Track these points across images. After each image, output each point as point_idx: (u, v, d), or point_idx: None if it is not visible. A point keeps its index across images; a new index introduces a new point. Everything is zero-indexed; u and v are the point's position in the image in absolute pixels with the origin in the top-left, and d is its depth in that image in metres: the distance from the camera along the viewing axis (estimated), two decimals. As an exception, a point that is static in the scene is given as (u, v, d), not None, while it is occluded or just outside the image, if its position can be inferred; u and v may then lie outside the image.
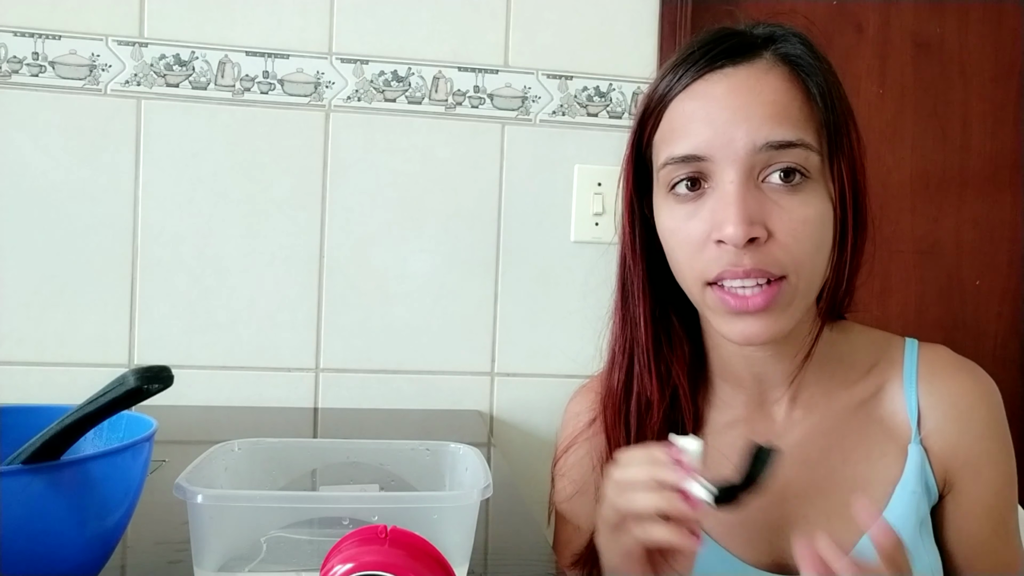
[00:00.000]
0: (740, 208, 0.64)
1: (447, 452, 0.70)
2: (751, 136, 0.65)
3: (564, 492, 0.81)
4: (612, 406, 0.77)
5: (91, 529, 0.51)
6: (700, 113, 0.67)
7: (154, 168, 1.29)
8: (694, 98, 0.68)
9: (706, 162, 0.66)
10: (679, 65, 0.70)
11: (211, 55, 1.29)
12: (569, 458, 0.81)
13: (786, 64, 0.68)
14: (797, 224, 0.65)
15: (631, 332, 0.77)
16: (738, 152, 0.65)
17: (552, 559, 0.71)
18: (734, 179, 0.65)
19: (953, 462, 0.73)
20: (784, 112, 0.66)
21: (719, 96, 0.67)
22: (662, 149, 0.70)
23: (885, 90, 1.51)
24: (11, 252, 1.26)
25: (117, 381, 0.48)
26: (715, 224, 0.66)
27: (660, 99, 0.71)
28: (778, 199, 0.66)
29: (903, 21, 1.51)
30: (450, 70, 1.35)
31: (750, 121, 0.65)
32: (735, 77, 0.67)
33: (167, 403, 0.63)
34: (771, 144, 0.65)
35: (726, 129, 0.65)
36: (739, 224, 0.63)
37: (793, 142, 0.65)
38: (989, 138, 1.54)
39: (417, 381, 1.35)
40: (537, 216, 1.37)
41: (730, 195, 0.65)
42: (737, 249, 0.64)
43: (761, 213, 0.65)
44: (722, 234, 0.64)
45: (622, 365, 0.77)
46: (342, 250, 1.33)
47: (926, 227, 1.52)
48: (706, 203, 0.67)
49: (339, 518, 0.55)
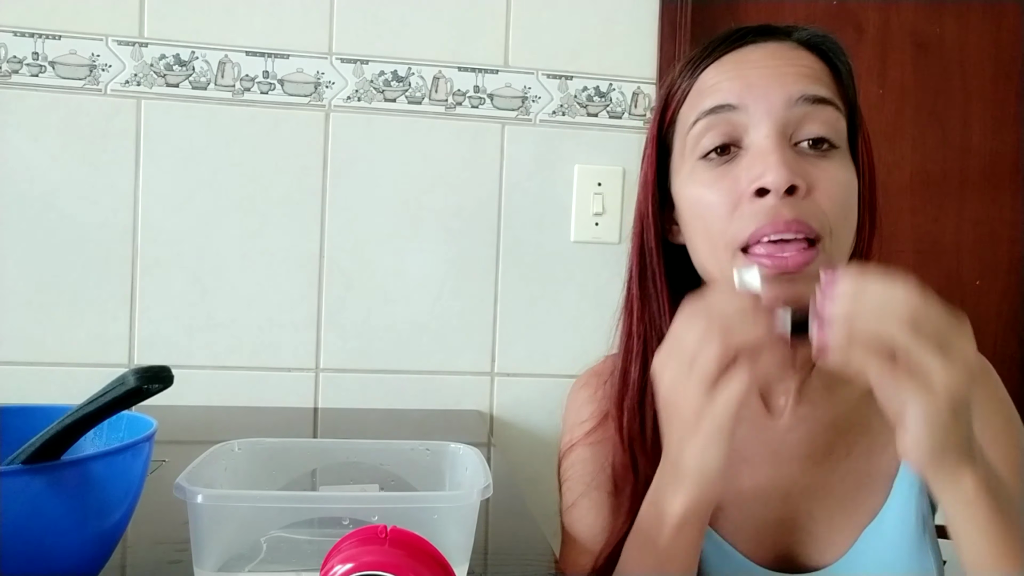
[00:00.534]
0: (780, 157, 0.62)
1: (447, 452, 0.70)
2: (787, 89, 0.65)
3: (571, 492, 0.79)
4: (630, 397, 0.75)
5: (91, 529, 0.51)
6: (732, 72, 0.67)
7: (154, 168, 1.29)
8: (724, 64, 0.68)
9: (738, 113, 0.65)
10: (705, 47, 0.70)
11: (211, 55, 1.29)
12: (573, 453, 0.80)
13: (812, 47, 0.69)
14: (833, 185, 0.64)
15: (649, 321, 0.74)
16: (772, 103, 0.64)
17: (552, 559, 0.71)
18: (769, 133, 0.64)
19: None
20: (817, 76, 0.67)
21: (753, 59, 0.67)
22: (690, 112, 0.69)
23: (885, 90, 1.51)
24: (11, 252, 1.26)
25: (117, 381, 0.48)
26: (752, 177, 0.64)
27: (688, 75, 0.70)
28: (813, 161, 0.65)
29: (903, 21, 1.51)
30: (450, 70, 1.35)
31: (785, 77, 0.65)
32: (768, 47, 0.68)
33: (167, 403, 0.63)
34: (807, 97, 0.64)
35: (761, 83, 0.65)
36: (781, 170, 0.62)
37: (828, 99, 0.65)
38: (989, 138, 1.54)
39: (417, 381, 1.35)
40: (537, 216, 1.37)
41: (767, 147, 0.63)
42: (777, 201, 0.62)
43: (800, 169, 0.64)
44: (763, 181, 0.62)
45: (639, 354, 0.74)
46: (342, 250, 1.33)
47: (926, 227, 1.52)
48: (739, 163, 0.66)
49: (339, 518, 0.55)
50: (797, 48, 0.69)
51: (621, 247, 1.36)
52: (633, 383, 0.75)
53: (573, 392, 0.85)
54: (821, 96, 0.65)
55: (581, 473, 0.79)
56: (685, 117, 0.71)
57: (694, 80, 0.70)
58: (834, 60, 0.69)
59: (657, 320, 0.74)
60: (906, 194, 1.51)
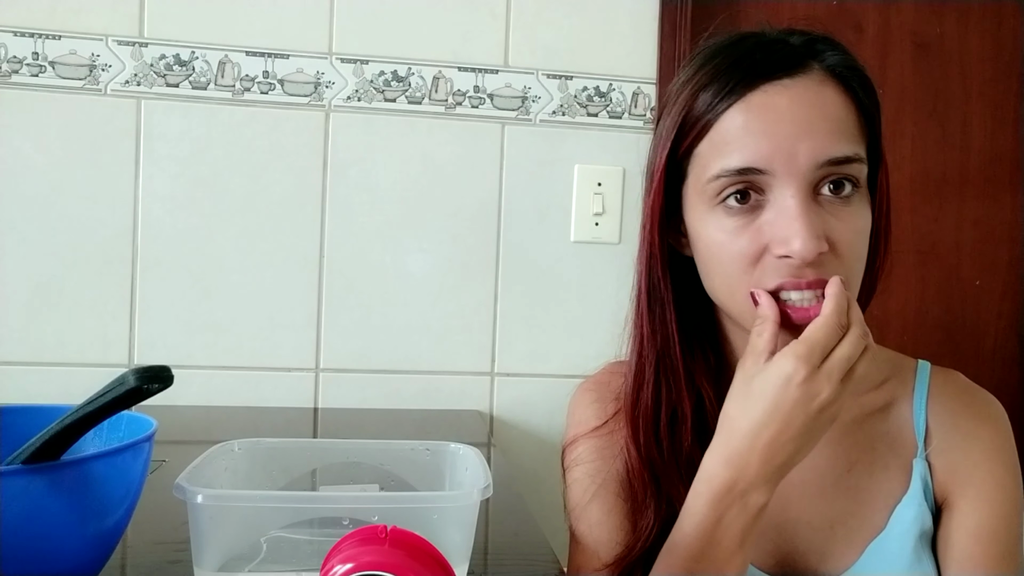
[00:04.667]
0: (806, 223, 0.63)
1: (447, 452, 0.70)
2: (815, 152, 0.64)
3: (578, 487, 0.78)
4: (644, 422, 0.75)
5: (91, 529, 0.51)
6: (758, 125, 0.65)
7: (154, 168, 1.29)
8: (750, 109, 0.66)
9: (764, 175, 0.65)
10: (724, 74, 0.67)
11: (211, 55, 1.29)
12: (580, 446, 0.80)
13: (836, 78, 0.67)
14: (853, 235, 0.66)
15: (661, 348, 0.75)
16: (800, 167, 0.64)
17: (552, 559, 0.71)
18: (795, 193, 0.64)
19: (953, 480, 0.73)
20: (843, 127, 0.66)
21: (782, 109, 0.65)
22: (712, 161, 0.67)
23: (885, 90, 1.51)
24: (11, 252, 1.26)
25: (117, 381, 0.48)
26: (777, 239, 0.64)
27: (708, 109, 0.67)
28: (833, 211, 0.65)
29: (903, 21, 1.51)
30: (450, 70, 1.35)
31: (814, 136, 0.64)
32: (794, 89, 0.66)
33: (167, 403, 0.63)
34: (832, 160, 0.64)
35: (789, 143, 0.64)
36: (809, 239, 0.62)
37: (851, 157, 0.65)
38: (989, 138, 1.54)
39: (417, 381, 1.35)
40: (537, 216, 1.37)
41: (793, 210, 0.63)
42: (801, 262, 0.64)
43: (823, 227, 0.64)
44: (789, 249, 0.63)
45: (651, 381, 0.75)
46: (342, 250, 1.33)
47: (926, 227, 1.52)
48: (761, 216, 0.66)
49: (339, 518, 0.55)
50: (824, 83, 0.66)
51: (621, 247, 1.37)
52: (647, 410, 0.75)
53: (577, 394, 0.85)
54: (847, 156, 0.65)
55: (588, 467, 0.78)
56: (705, 160, 0.68)
57: (715, 117, 0.67)
58: (858, 96, 0.68)
59: (668, 348, 0.75)
60: (906, 194, 1.51)
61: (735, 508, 0.63)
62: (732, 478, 0.63)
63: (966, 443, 0.74)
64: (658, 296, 0.74)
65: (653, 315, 0.75)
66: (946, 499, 0.74)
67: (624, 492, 0.76)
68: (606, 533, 0.75)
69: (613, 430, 0.78)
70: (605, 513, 0.76)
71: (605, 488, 0.77)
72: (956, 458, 0.73)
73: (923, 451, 0.74)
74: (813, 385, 0.61)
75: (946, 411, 0.75)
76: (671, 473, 0.72)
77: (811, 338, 0.61)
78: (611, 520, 0.75)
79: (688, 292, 0.74)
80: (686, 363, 0.74)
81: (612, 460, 0.77)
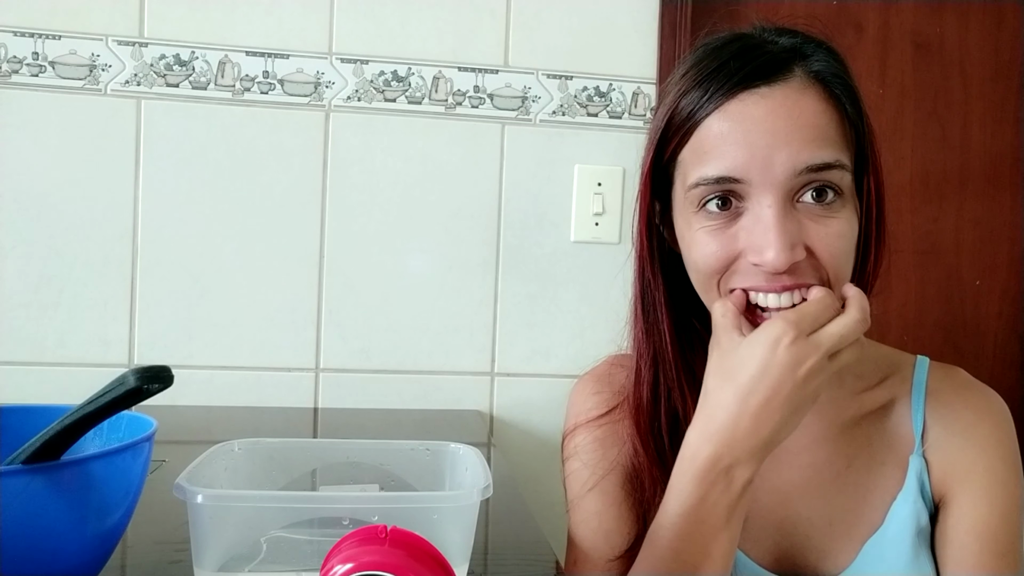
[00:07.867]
0: (780, 233, 0.63)
1: (447, 452, 0.70)
2: (791, 160, 0.64)
3: (577, 477, 0.78)
4: (643, 420, 0.75)
5: (91, 529, 0.51)
6: (736, 135, 0.65)
7: (154, 168, 1.29)
8: (728, 118, 0.66)
9: (741, 184, 0.65)
10: (705, 79, 0.67)
11: (211, 55, 1.29)
12: (579, 435, 0.80)
13: (819, 83, 0.67)
14: (833, 239, 0.65)
15: (655, 346, 0.75)
16: (777, 176, 0.64)
17: (552, 559, 0.71)
18: (772, 203, 0.64)
19: (952, 476, 0.73)
20: (823, 135, 0.65)
21: (758, 118, 0.65)
22: (692, 169, 0.68)
23: (885, 90, 1.51)
24: (11, 252, 1.26)
25: (117, 381, 0.48)
26: (752, 247, 0.65)
27: (688, 116, 0.68)
28: (814, 217, 0.65)
29: (903, 21, 1.51)
30: (450, 70, 1.35)
31: (790, 145, 0.64)
32: (772, 98, 0.65)
33: (167, 403, 0.63)
34: (811, 167, 0.64)
35: (765, 152, 0.64)
36: (781, 251, 0.63)
37: (831, 164, 0.65)
38: (989, 138, 1.54)
39: (417, 381, 1.35)
40: (537, 216, 1.37)
41: (769, 219, 0.64)
42: (774, 272, 0.64)
43: (799, 234, 0.64)
44: (762, 259, 0.64)
45: (648, 380, 0.76)
46: (342, 250, 1.33)
47: (926, 227, 1.52)
48: (739, 223, 0.66)
49: (339, 518, 0.55)
50: (806, 89, 0.66)
51: (621, 247, 1.37)
52: (646, 407, 0.75)
53: (578, 385, 0.85)
54: (826, 163, 0.64)
55: (587, 457, 0.78)
56: (686, 167, 0.69)
57: (694, 125, 0.68)
58: (842, 102, 0.67)
59: (662, 346, 0.75)
60: (906, 194, 1.51)
61: (720, 484, 0.63)
62: (716, 453, 0.62)
63: (964, 439, 0.73)
64: (651, 296, 0.75)
65: (647, 315, 0.76)
66: (945, 495, 0.73)
67: (628, 485, 0.76)
68: (606, 524, 0.75)
69: (614, 421, 0.78)
70: (606, 504, 0.76)
71: (607, 479, 0.77)
72: (954, 454, 0.73)
73: (920, 447, 0.74)
74: (801, 349, 0.61)
75: (944, 407, 0.75)
76: (670, 460, 0.72)
77: (802, 308, 0.63)
78: (612, 511, 0.75)
79: (686, 292, 0.74)
80: (682, 362, 0.75)
81: (613, 451, 0.77)
